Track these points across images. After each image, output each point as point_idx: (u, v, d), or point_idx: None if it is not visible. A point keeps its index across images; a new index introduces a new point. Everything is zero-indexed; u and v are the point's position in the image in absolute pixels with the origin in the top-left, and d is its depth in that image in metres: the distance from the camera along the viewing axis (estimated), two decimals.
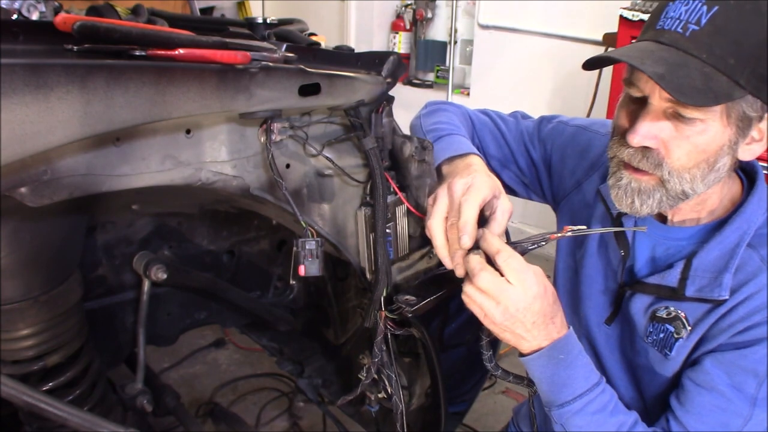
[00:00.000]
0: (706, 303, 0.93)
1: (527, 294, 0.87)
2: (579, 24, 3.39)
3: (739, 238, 0.93)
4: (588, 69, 0.92)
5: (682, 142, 0.86)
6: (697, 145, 0.86)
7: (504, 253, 0.88)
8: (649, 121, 0.86)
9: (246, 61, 0.76)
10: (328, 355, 1.73)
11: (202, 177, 0.85)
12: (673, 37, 0.84)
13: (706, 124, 0.84)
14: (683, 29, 0.83)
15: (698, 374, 0.93)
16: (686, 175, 0.88)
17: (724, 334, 0.91)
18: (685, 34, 0.82)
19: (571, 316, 1.18)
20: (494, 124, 1.28)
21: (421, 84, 4.50)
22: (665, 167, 0.88)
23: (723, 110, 0.84)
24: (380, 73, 0.98)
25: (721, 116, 0.84)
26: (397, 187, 1.05)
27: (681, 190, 0.89)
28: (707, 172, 0.88)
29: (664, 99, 0.85)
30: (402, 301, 1.01)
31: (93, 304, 1.30)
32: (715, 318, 0.93)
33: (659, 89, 0.84)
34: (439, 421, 1.29)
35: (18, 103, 0.57)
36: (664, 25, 0.85)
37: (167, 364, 2.61)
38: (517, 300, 0.87)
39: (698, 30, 0.81)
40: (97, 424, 0.85)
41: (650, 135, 0.87)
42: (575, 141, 1.21)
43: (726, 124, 0.85)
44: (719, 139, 0.86)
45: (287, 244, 1.61)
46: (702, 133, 0.85)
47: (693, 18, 0.82)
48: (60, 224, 0.98)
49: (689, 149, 0.86)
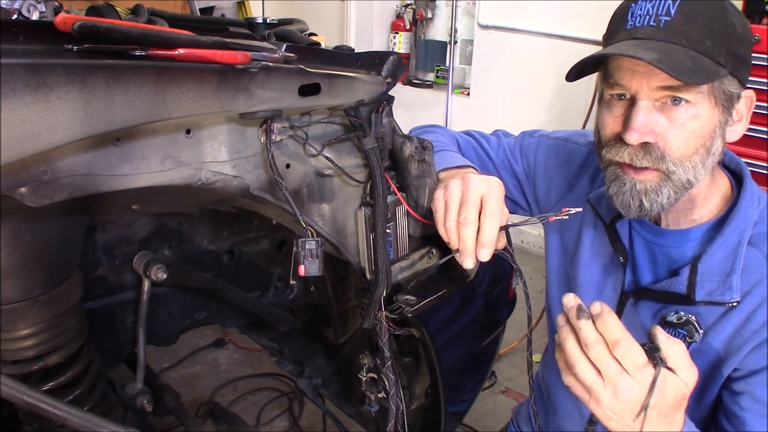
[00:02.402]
0: (717, 306, 0.93)
1: (642, 388, 0.75)
2: (579, 24, 3.39)
3: (740, 237, 0.93)
4: (572, 80, 0.93)
5: (678, 131, 0.87)
6: (694, 130, 0.87)
7: (624, 343, 0.75)
8: (642, 117, 0.87)
9: (246, 61, 0.76)
10: (328, 355, 1.73)
11: (202, 177, 0.85)
12: (648, 31, 0.86)
13: (697, 108, 0.86)
14: (656, 22, 0.86)
15: (749, 402, 0.91)
16: (688, 164, 0.88)
17: (749, 342, 0.91)
18: (659, 26, 0.85)
19: None
20: (478, 143, 1.30)
21: (421, 84, 4.51)
22: (668, 159, 0.88)
23: (710, 91, 0.86)
24: (380, 73, 0.98)
25: (709, 97, 0.86)
26: (397, 187, 1.05)
27: (686, 179, 0.89)
28: (705, 157, 0.89)
29: (653, 90, 0.86)
30: (402, 301, 1.01)
31: (93, 304, 1.30)
32: (733, 325, 0.92)
33: (647, 83, 0.86)
34: (439, 421, 1.29)
35: (18, 103, 0.57)
36: (635, 23, 0.88)
37: (167, 364, 2.62)
38: (630, 390, 0.75)
39: (670, 20, 0.85)
40: (97, 424, 0.85)
41: (647, 130, 0.88)
42: (558, 153, 1.22)
43: (714, 105, 0.87)
44: (711, 121, 0.88)
45: (287, 244, 1.61)
46: (695, 117, 0.87)
47: (662, 11, 0.85)
48: (60, 224, 0.98)
49: (687, 136, 0.87)
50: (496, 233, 0.89)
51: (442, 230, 0.94)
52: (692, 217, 0.98)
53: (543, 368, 1.38)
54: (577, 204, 1.16)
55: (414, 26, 4.46)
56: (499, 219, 0.90)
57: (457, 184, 0.93)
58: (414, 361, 1.31)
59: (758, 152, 2.36)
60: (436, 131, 1.28)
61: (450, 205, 0.92)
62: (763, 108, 2.30)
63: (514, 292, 1.47)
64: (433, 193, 0.99)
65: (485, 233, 0.89)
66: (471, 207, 0.90)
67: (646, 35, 0.86)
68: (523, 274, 1.03)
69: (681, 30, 0.84)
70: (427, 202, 1.07)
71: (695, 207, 0.97)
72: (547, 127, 1.36)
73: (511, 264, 1.01)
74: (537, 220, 0.96)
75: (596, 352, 0.75)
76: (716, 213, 0.98)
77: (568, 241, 1.18)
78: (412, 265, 1.14)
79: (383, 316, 1.05)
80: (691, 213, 0.98)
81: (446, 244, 0.95)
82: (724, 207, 0.98)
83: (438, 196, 0.95)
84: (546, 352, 1.36)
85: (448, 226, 0.92)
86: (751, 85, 2.43)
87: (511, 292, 1.46)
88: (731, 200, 0.97)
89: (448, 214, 0.92)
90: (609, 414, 0.76)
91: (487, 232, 0.89)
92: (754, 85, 2.32)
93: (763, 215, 0.94)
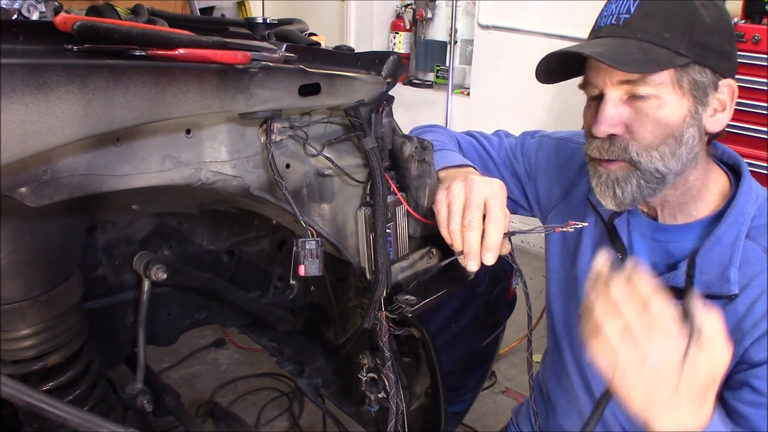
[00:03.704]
0: (715, 299, 0.93)
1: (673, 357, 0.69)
2: (579, 24, 3.38)
3: (737, 231, 0.93)
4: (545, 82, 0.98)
5: (643, 121, 0.90)
6: (658, 119, 0.89)
7: (655, 302, 0.71)
8: (607, 110, 0.91)
9: (246, 61, 0.76)
10: (328, 355, 1.73)
11: (202, 177, 0.85)
12: (609, 29, 0.91)
13: (661, 99, 0.89)
14: (616, 20, 0.91)
15: (749, 395, 0.90)
16: (655, 153, 0.90)
17: (749, 335, 0.91)
18: (619, 23, 0.90)
19: (570, 327, 1.19)
20: (479, 143, 1.31)
21: (421, 84, 4.51)
22: (631, 149, 0.91)
23: (674, 81, 0.88)
24: (380, 73, 0.98)
25: (674, 87, 0.88)
26: (397, 187, 1.05)
27: (654, 169, 0.91)
28: (675, 147, 0.91)
29: (615, 85, 0.90)
30: (402, 301, 1.01)
31: (93, 304, 1.30)
32: (733, 318, 0.92)
33: (609, 78, 0.90)
34: (439, 421, 1.29)
35: (18, 103, 0.57)
36: (600, 23, 0.94)
37: (167, 364, 2.62)
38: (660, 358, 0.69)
39: (629, 17, 0.89)
40: (97, 424, 0.85)
41: (612, 122, 0.91)
42: (559, 153, 1.23)
43: (681, 95, 0.89)
44: (678, 110, 0.89)
45: (287, 244, 1.61)
46: (660, 107, 0.89)
47: (623, 9, 0.90)
48: (60, 224, 0.98)
49: (651, 126, 0.89)
50: (501, 237, 0.89)
51: (445, 232, 0.94)
52: (689, 212, 0.99)
53: (543, 368, 1.39)
54: (577, 204, 1.16)
55: (414, 26, 4.46)
56: (504, 223, 0.90)
57: (459, 186, 0.93)
58: (414, 361, 1.31)
59: (758, 152, 2.36)
60: (437, 131, 1.28)
61: (453, 207, 0.92)
62: (763, 108, 2.30)
63: (514, 292, 1.47)
64: (434, 194, 0.99)
65: (490, 238, 0.88)
66: (475, 210, 0.89)
67: (606, 33, 0.92)
68: (523, 274, 1.03)
69: (638, 25, 0.88)
70: (427, 202, 1.07)
71: (691, 202, 0.98)
72: (547, 127, 1.36)
73: (511, 264, 1.01)
74: (543, 231, 0.97)
75: (627, 311, 0.70)
76: (714, 208, 0.98)
77: (568, 241, 1.18)
78: (412, 265, 1.14)
79: (383, 316, 1.05)
80: (688, 208, 0.98)
81: (447, 245, 0.95)
82: (722, 202, 0.98)
83: (440, 197, 0.95)
84: (546, 352, 1.36)
85: (452, 229, 0.91)
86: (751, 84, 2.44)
87: (511, 292, 1.46)
88: (729, 195, 0.98)
89: (452, 216, 0.92)
90: (634, 388, 0.71)
91: (492, 236, 0.88)
92: (754, 85, 2.32)
93: (762, 209, 0.95)
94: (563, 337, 1.21)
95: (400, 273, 1.12)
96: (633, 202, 0.94)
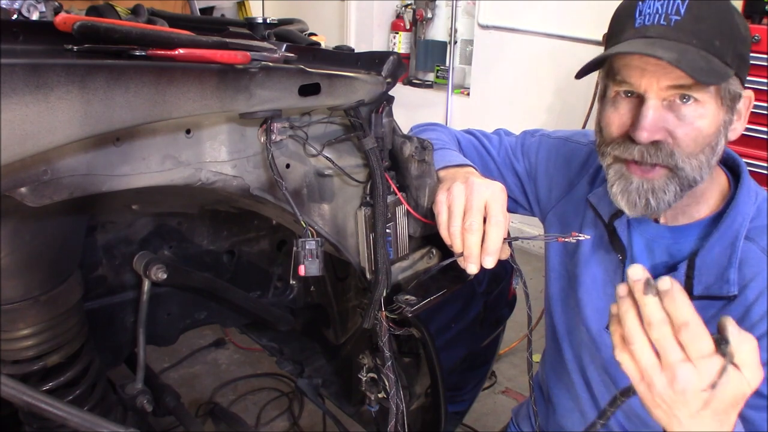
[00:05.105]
0: (715, 300, 0.93)
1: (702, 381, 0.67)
2: (579, 24, 3.39)
3: (737, 231, 0.93)
4: (581, 76, 0.92)
5: (687, 129, 0.87)
6: (701, 129, 0.87)
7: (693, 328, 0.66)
8: (652, 116, 0.87)
9: (246, 61, 0.76)
10: (328, 355, 1.73)
11: (202, 177, 0.85)
12: (659, 29, 0.86)
13: (705, 108, 0.87)
14: (666, 21, 0.85)
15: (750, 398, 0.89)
16: (695, 162, 0.89)
17: None
18: (670, 25, 0.85)
19: (570, 326, 1.19)
20: (479, 142, 1.30)
21: (421, 84, 4.51)
22: (677, 155, 0.88)
23: (717, 92, 0.87)
24: (380, 73, 0.98)
25: (716, 98, 0.87)
26: (397, 187, 1.05)
27: (692, 178, 0.90)
28: (711, 156, 0.90)
29: (662, 89, 0.86)
30: (402, 301, 1.01)
31: (93, 304, 1.30)
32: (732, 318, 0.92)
33: (657, 81, 0.86)
34: (439, 421, 1.29)
35: (18, 103, 0.57)
36: (644, 21, 0.87)
37: (167, 364, 2.62)
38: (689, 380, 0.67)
39: (680, 20, 0.85)
40: (97, 424, 0.85)
41: (657, 128, 0.88)
42: (559, 152, 1.22)
43: (720, 105, 0.88)
44: (716, 121, 0.88)
45: (287, 244, 1.61)
46: (702, 117, 0.87)
47: (671, 10, 0.85)
48: (60, 224, 0.98)
49: (695, 135, 0.88)
50: (501, 241, 0.89)
51: (445, 234, 0.94)
52: (691, 214, 0.99)
53: (542, 368, 1.39)
54: (577, 203, 1.16)
55: (414, 26, 4.46)
56: (504, 227, 0.89)
57: (460, 189, 0.92)
58: (414, 361, 1.31)
59: (758, 152, 2.36)
60: (437, 129, 1.28)
61: (454, 210, 0.91)
62: (763, 108, 2.30)
63: (514, 292, 1.47)
64: (434, 194, 0.99)
65: (491, 241, 0.88)
66: (476, 214, 0.89)
67: (657, 34, 0.86)
68: (523, 274, 1.03)
69: (691, 30, 0.84)
70: (427, 202, 1.07)
71: (694, 204, 0.98)
72: (547, 127, 1.36)
73: (511, 264, 1.01)
74: (544, 239, 0.98)
75: (659, 333, 0.67)
76: (713, 209, 0.98)
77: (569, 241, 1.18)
78: (412, 265, 1.14)
79: (383, 316, 1.06)
80: (690, 210, 0.98)
81: (447, 245, 0.95)
82: (721, 203, 0.98)
83: (441, 199, 0.94)
84: (545, 352, 1.36)
85: (452, 231, 0.91)
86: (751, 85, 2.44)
87: (511, 292, 1.46)
88: (728, 196, 0.98)
89: (453, 219, 0.91)
90: (658, 401, 0.70)
91: (493, 240, 0.88)
92: (754, 85, 2.32)
93: (761, 210, 0.95)
94: (563, 336, 1.21)
95: (400, 273, 1.12)
96: (662, 210, 0.93)
